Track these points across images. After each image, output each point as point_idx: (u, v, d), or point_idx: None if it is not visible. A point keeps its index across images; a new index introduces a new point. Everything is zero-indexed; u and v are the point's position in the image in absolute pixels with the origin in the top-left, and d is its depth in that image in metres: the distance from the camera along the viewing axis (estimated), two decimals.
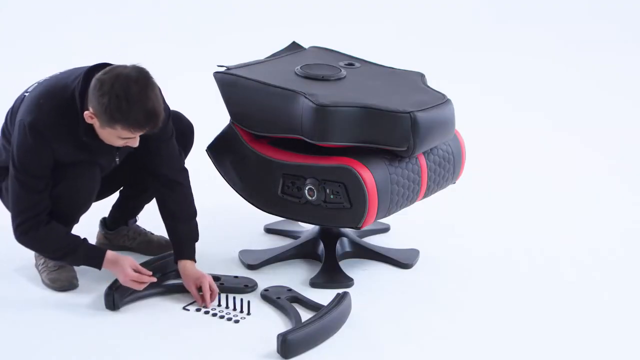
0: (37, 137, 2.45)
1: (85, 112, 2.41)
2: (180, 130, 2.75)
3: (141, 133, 2.42)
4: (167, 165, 2.68)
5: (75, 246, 2.57)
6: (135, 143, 2.46)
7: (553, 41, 5.43)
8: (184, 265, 2.66)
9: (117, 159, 2.65)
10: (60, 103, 2.46)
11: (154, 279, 2.59)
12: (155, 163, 2.66)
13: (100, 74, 2.38)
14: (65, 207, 2.57)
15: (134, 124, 2.37)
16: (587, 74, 5.11)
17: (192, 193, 2.73)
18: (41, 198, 2.51)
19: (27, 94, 2.55)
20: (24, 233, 2.54)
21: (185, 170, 2.74)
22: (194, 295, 2.61)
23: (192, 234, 2.71)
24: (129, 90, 2.33)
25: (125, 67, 2.39)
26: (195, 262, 2.68)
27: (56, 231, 2.55)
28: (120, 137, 2.42)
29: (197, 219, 2.71)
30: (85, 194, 2.60)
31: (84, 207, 2.65)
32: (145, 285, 2.58)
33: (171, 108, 2.65)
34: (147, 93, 2.35)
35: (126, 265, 2.56)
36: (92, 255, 2.59)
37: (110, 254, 2.59)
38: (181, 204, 2.70)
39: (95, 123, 2.42)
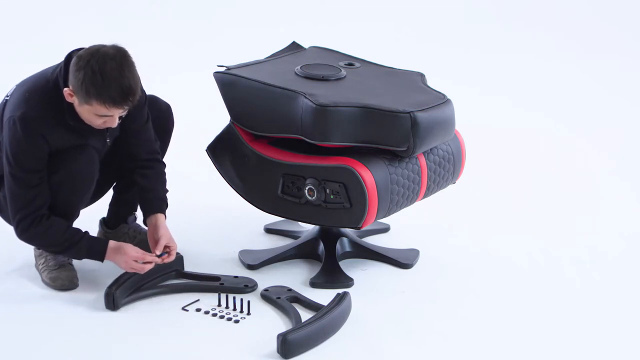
0: (27, 128, 2.47)
1: (65, 90, 2.44)
2: (158, 112, 2.81)
3: (118, 111, 2.44)
4: (144, 148, 2.75)
5: (77, 238, 2.58)
6: (114, 123, 2.49)
7: (553, 41, 5.43)
8: (161, 218, 2.71)
9: (108, 140, 2.67)
10: (45, 94, 2.50)
11: (157, 260, 2.61)
12: (133, 146, 2.72)
13: (80, 51, 2.43)
14: (66, 195, 2.58)
15: (109, 100, 2.39)
16: (587, 73, 5.11)
17: (165, 173, 2.80)
18: (38, 193, 2.52)
19: (8, 98, 2.57)
20: (25, 230, 2.55)
21: (159, 153, 2.81)
22: (153, 247, 2.65)
23: (166, 200, 2.77)
24: (104, 65, 2.37)
25: (104, 45, 2.43)
26: (166, 218, 2.73)
27: (57, 225, 2.56)
28: (98, 115, 2.44)
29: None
30: (85, 177, 2.60)
31: (86, 195, 2.65)
32: (149, 268, 2.60)
33: (168, 104, 2.71)
34: (122, 70, 2.39)
35: (129, 251, 2.59)
36: (95, 247, 2.60)
37: (112, 243, 2.62)
38: (157, 181, 2.77)
39: (75, 101, 2.45)
